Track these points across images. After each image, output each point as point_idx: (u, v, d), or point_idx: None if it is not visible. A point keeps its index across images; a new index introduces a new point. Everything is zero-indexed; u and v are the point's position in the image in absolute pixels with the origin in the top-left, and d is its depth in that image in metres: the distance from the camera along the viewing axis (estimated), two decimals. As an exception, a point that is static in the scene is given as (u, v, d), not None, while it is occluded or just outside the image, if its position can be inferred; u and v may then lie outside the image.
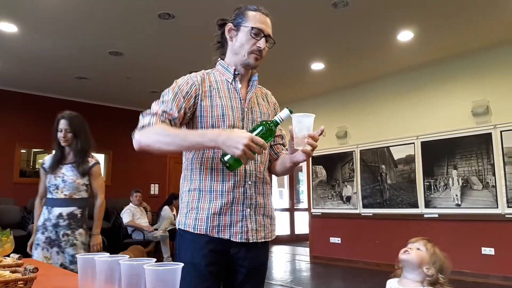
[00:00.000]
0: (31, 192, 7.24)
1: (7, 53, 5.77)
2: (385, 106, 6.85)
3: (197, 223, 1.47)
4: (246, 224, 1.50)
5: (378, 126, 6.89)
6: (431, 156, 6.15)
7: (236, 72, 1.60)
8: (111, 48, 5.60)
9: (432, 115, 6.23)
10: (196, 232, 1.47)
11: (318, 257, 7.53)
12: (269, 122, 1.39)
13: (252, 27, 1.54)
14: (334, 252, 7.29)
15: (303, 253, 8.50)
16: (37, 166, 9.66)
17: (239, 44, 1.57)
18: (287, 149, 1.58)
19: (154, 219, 7.48)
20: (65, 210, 2.81)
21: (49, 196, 2.88)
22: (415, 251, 1.86)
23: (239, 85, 1.60)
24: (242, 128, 1.54)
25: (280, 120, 1.40)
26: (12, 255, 1.19)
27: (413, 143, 6.37)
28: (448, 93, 6.10)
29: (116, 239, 6.99)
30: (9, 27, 4.89)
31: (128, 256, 1.03)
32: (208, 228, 1.46)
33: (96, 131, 9.24)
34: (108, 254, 1.08)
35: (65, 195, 2.85)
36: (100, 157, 8.81)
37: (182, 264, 0.88)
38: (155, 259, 0.97)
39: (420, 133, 6.30)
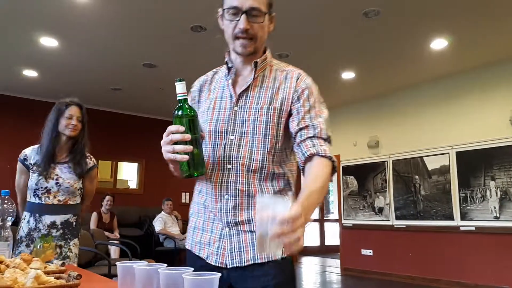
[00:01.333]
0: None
1: (46, 66, 6.02)
2: (418, 115, 6.70)
3: (188, 236, 1.41)
4: (223, 245, 1.28)
5: (411, 135, 6.75)
6: (467, 166, 5.96)
7: (229, 65, 1.40)
8: (145, 60, 5.76)
9: (468, 124, 6.05)
10: (188, 247, 1.40)
11: (349, 269, 7.40)
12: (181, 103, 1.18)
13: (226, 8, 1.31)
14: (365, 265, 7.15)
15: (334, 265, 8.37)
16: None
17: (225, 32, 1.37)
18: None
19: (185, 227, 7.57)
20: (59, 219, 2.39)
21: (34, 200, 2.38)
22: None
23: (231, 80, 1.38)
24: (227, 132, 1.32)
25: (178, 96, 1.18)
26: (55, 261, 1.24)
27: (448, 153, 6.20)
28: (484, 101, 5.91)
29: (149, 247, 7.11)
30: (50, 42, 5.11)
31: (166, 265, 1.05)
32: (192, 243, 1.37)
33: (129, 141, 9.46)
34: (146, 262, 1.11)
35: (58, 200, 2.41)
36: (133, 166, 9.02)
37: (220, 274, 0.90)
38: (192, 268, 0.98)
39: (455, 143, 6.12)
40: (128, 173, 9.77)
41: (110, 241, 6.01)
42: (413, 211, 6.54)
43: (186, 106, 1.20)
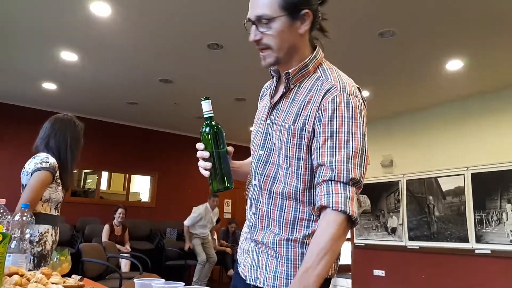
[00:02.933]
0: (80, 211, 7.57)
1: (65, 80, 6.15)
2: (433, 136, 6.65)
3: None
4: (247, 259, 1.28)
5: (425, 156, 6.69)
6: (482, 188, 5.87)
7: (272, 74, 1.31)
8: (161, 75, 5.85)
9: (484, 146, 5.97)
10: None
11: (360, 289, 7.28)
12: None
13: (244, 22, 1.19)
14: (377, 285, 7.03)
15: (345, 285, 8.24)
16: (86, 186, 10.10)
17: None
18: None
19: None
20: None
21: (54, 213, 2.43)
22: None
23: (271, 91, 1.29)
24: (258, 146, 1.26)
25: (204, 114, 1.22)
26: (73, 276, 1.25)
27: (463, 174, 6.12)
28: (501, 122, 5.85)
29: (159, 261, 7.10)
30: (70, 56, 5.24)
31: (183, 284, 1.06)
32: (239, 249, 1.39)
33: (143, 154, 9.51)
34: (164, 280, 1.12)
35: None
36: (146, 179, 9.09)
37: None
38: None
39: (470, 164, 6.05)
40: (140, 186, 9.84)
41: (121, 254, 6.02)
42: (427, 232, 6.44)
43: (212, 123, 1.22)
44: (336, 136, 1.09)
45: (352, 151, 1.09)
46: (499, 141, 5.81)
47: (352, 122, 1.11)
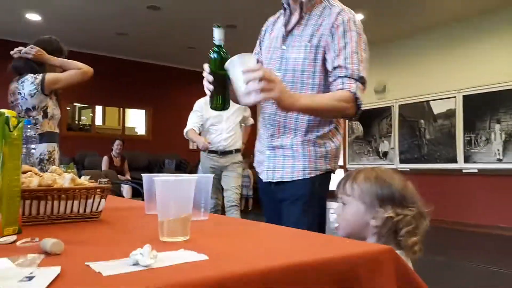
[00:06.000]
0: (78, 145, 7.65)
1: (50, 9, 5.94)
2: (426, 60, 6.63)
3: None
4: (264, 164, 1.55)
5: (419, 80, 6.72)
6: (473, 110, 5.98)
7: (284, 6, 1.50)
8: (149, 2, 5.66)
9: (476, 69, 6.00)
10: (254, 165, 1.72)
11: (353, 211, 7.64)
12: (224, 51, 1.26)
13: None
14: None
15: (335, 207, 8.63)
16: (81, 122, 10.13)
17: None
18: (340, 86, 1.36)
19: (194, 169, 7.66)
20: None
21: (57, 131, 2.52)
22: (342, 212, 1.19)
23: (284, 21, 1.50)
24: (275, 70, 1.45)
25: (215, 41, 1.25)
26: (83, 177, 1.33)
27: (455, 97, 6.20)
28: (493, 45, 5.83)
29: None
30: (53, -17, 5.02)
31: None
32: (256, 163, 1.66)
33: (136, 88, 9.41)
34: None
35: None
36: (141, 113, 9.12)
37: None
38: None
39: (462, 87, 6.10)
40: (136, 121, 9.89)
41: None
42: (417, 155, 6.65)
43: (221, 52, 1.26)
44: (348, 46, 1.37)
45: (360, 58, 1.37)
46: (491, 64, 5.82)
47: (359, 36, 1.39)
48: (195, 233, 0.87)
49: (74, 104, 9.58)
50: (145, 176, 1.19)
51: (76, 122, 9.99)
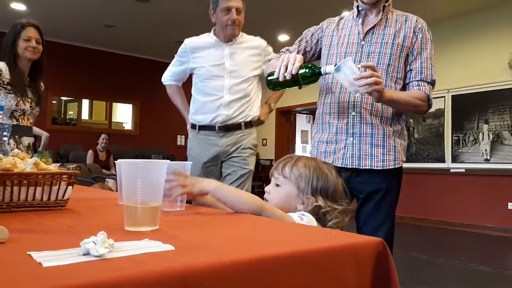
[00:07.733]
0: (62, 139, 7.50)
1: (35, 0, 5.79)
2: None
3: (312, 150, 1.75)
4: (347, 151, 1.60)
5: (408, 79, 6.69)
6: (461, 110, 5.98)
7: (359, 9, 1.66)
8: (138, -6, 5.55)
9: (465, 68, 5.99)
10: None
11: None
12: (316, 68, 1.43)
13: None
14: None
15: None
16: (68, 116, 9.95)
17: None
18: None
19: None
20: (31, 141, 2.49)
21: (13, 122, 2.34)
22: (273, 191, 1.21)
23: (360, 20, 1.66)
24: (354, 62, 1.55)
25: (323, 72, 1.42)
26: (53, 164, 1.25)
27: (444, 96, 6.19)
28: (482, 44, 5.82)
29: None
30: (38, -29, 4.89)
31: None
32: (317, 154, 1.69)
33: (124, 82, 9.28)
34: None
35: (30, 123, 2.49)
36: (129, 109, 8.97)
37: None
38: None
39: (451, 86, 6.10)
40: (123, 116, 9.74)
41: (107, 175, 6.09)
42: (406, 154, 6.63)
43: (316, 75, 1.44)
44: (423, 52, 1.61)
45: (432, 63, 1.62)
46: (482, 62, 5.82)
47: (431, 44, 1.64)
48: (166, 223, 0.80)
49: (61, 98, 9.41)
50: (118, 162, 1.11)
51: (62, 116, 9.80)
